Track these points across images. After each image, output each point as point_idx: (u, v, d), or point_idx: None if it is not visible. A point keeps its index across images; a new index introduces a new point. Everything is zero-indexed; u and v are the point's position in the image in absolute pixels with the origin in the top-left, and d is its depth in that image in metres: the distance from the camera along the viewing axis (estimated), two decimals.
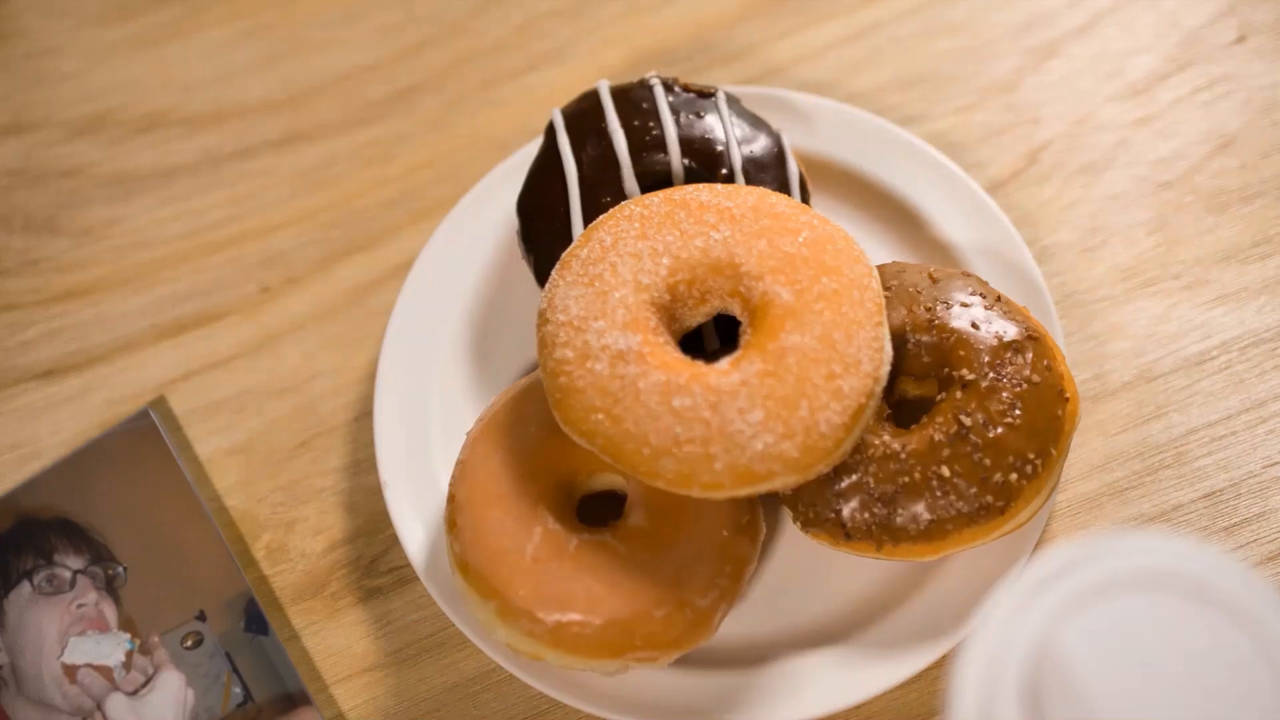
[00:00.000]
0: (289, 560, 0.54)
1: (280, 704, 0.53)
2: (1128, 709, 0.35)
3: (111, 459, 0.57)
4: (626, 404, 0.47)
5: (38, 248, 0.60)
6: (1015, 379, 0.49)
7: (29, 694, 0.54)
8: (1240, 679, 0.35)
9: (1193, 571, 0.36)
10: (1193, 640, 0.35)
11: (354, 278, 0.58)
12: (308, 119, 0.61)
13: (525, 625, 0.48)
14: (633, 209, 0.50)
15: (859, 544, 0.49)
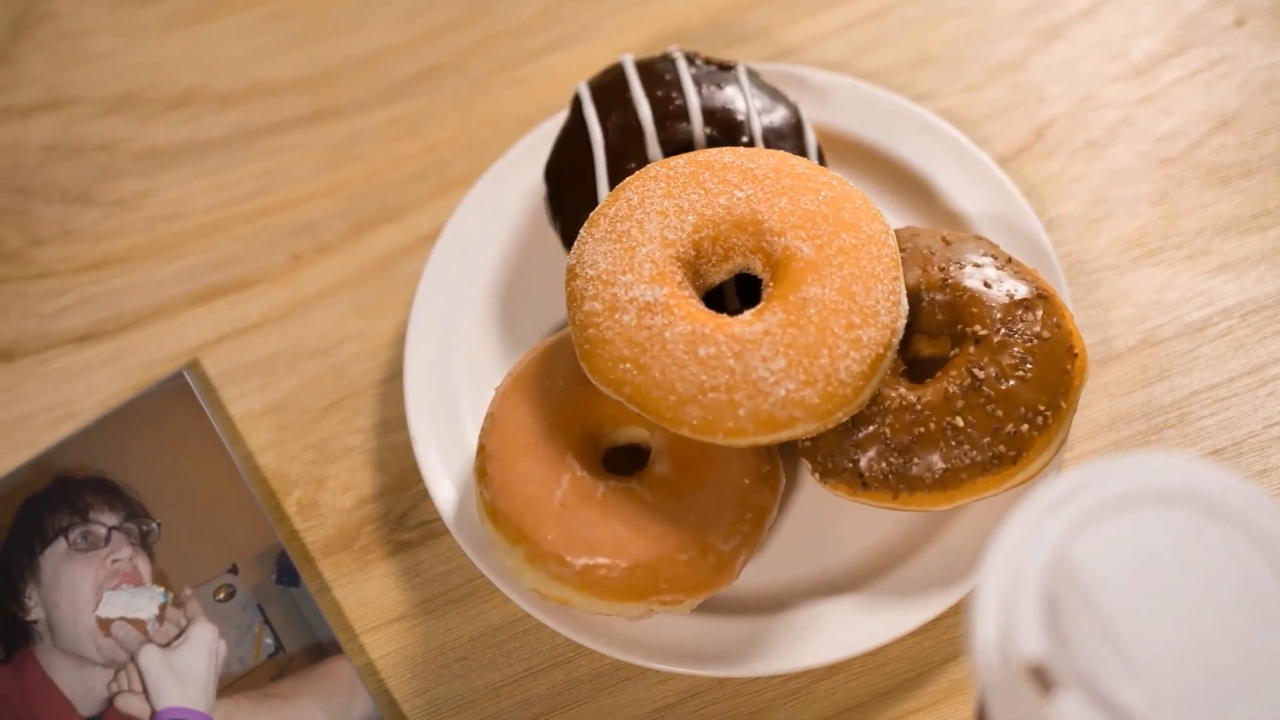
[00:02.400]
0: (320, 516, 0.56)
1: (311, 653, 0.54)
2: (1142, 618, 0.36)
3: (146, 419, 0.58)
4: (653, 353, 0.49)
5: (73, 218, 0.62)
6: (1026, 334, 0.51)
7: (64, 647, 0.56)
8: (1252, 588, 0.36)
9: (1203, 487, 0.37)
10: (1204, 552, 0.37)
11: (382, 246, 0.60)
12: (336, 97, 0.63)
13: (553, 569, 0.50)
14: (658, 170, 0.52)
15: (876, 493, 0.51)
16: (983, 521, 0.52)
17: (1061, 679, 0.36)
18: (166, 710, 0.54)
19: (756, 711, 0.52)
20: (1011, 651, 0.36)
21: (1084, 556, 0.37)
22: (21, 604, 0.56)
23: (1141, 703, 0.35)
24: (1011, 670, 0.36)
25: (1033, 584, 0.37)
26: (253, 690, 0.54)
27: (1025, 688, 0.36)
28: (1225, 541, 0.37)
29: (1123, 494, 0.37)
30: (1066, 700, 0.35)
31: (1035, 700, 0.36)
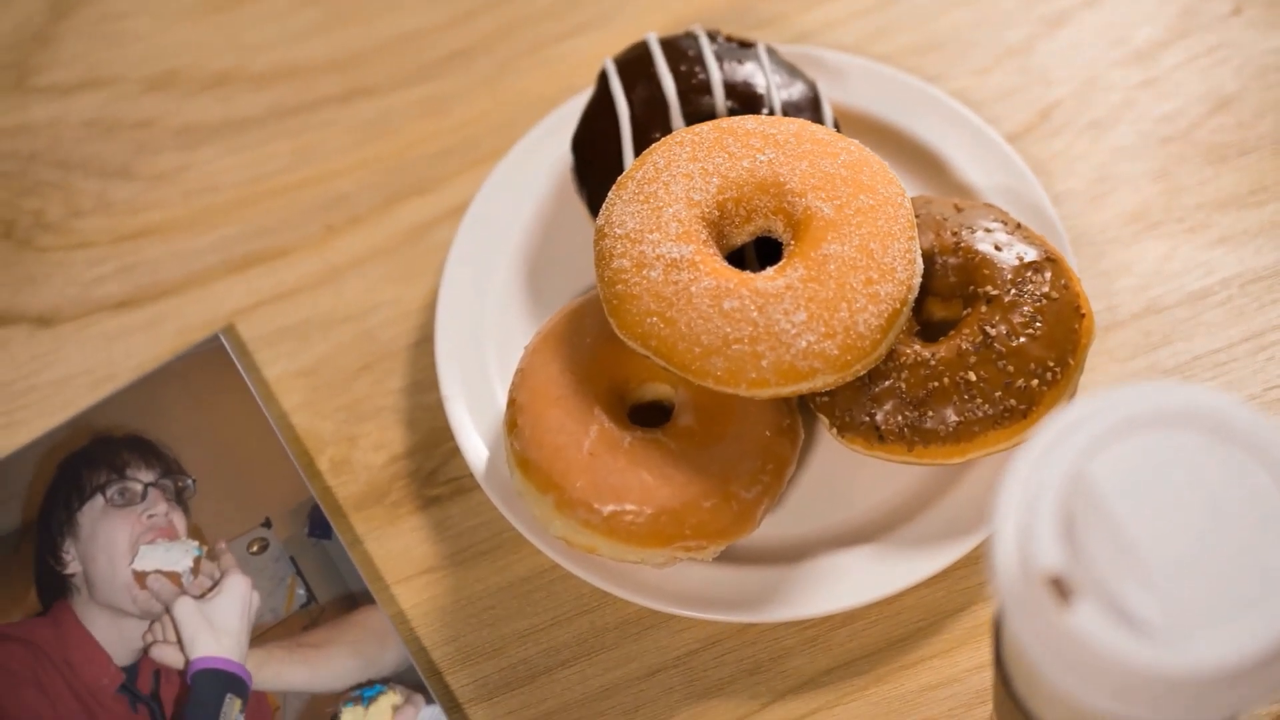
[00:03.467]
0: (352, 472, 0.58)
1: (343, 603, 0.56)
2: (1155, 532, 0.38)
3: (182, 380, 0.60)
4: (679, 307, 0.51)
5: (112, 191, 0.64)
6: (1035, 295, 0.53)
7: (100, 599, 0.57)
8: (1259, 505, 0.38)
9: (1211, 412, 0.39)
10: (1212, 470, 0.39)
11: (413, 218, 0.62)
12: (367, 77, 0.65)
13: (581, 515, 0.52)
14: (684, 136, 0.54)
15: (891, 446, 0.53)
16: (993, 476, 0.54)
17: (1079, 589, 0.38)
18: (200, 659, 0.56)
19: (776, 658, 0.53)
20: (1031, 564, 0.38)
21: (1099, 475, 0.39)
22: (59, 558, 0.58)
23: (1155, 611, 0.37)
24: (1031, 581, 0.38)
25: (1050, 501, 0.39)
26: (286, 639, 0.56)
27: (1044, 598, 0.38)
28: (1232, 460, 0.39)
29: (1134, 416, 0.39)
30: (1084, 608, 0.37)
31: (1054, 609, 0.38)
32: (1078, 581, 0.38)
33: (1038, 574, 0.38)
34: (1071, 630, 0.37)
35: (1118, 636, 0.37)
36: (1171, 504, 0.39)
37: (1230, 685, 0.37)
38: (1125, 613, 0.38)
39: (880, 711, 0.52)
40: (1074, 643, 0.38)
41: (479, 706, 0.54)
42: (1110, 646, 0.37)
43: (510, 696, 0.54)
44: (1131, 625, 0.37)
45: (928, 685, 0.53)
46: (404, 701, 0.54)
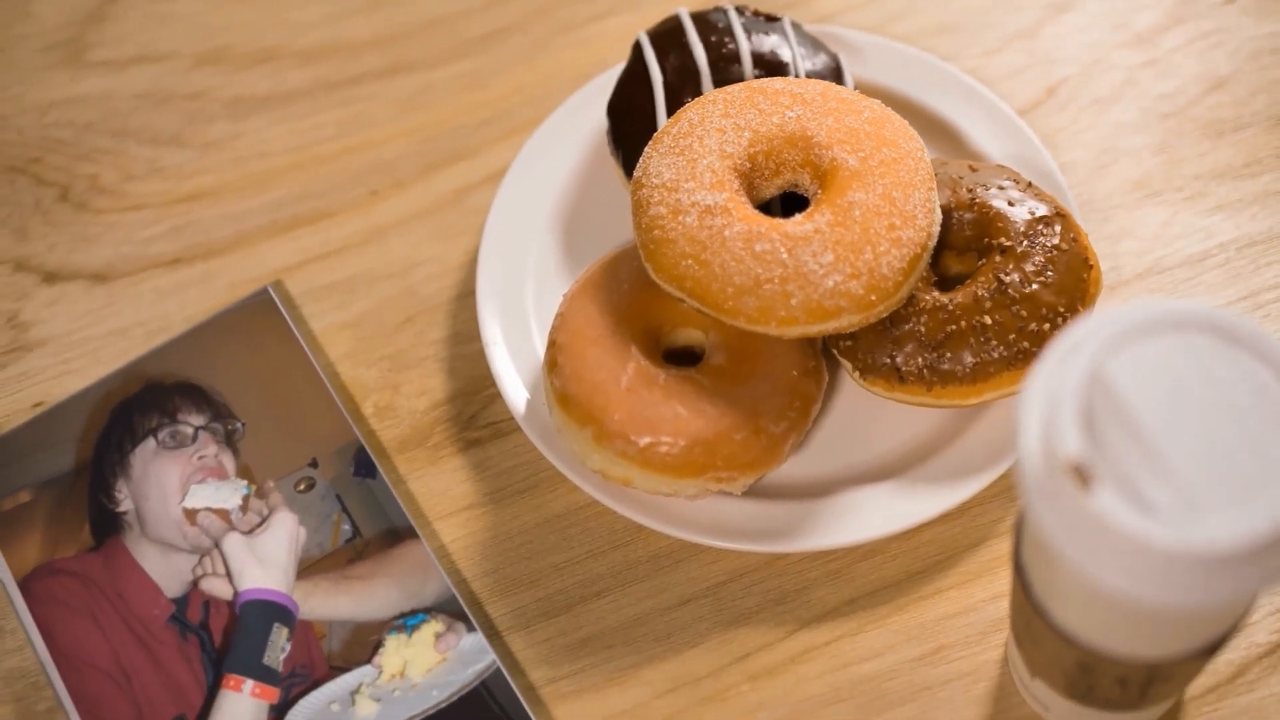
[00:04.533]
0: (395, 416, 0.60)
1: (387, 538, 0.59)
2: (1168, 426, 0.41)
3: (232, 330, 0.63)
4: (713, 250, 0.54)
5: (164, 158, 0.67)
6: (1046, 246, 0.56)
7: (151, 535, 0.60)
8: (1265, 402, 0.41)
9: (1219, 320, 0.43)
10: (1221, 371, 0.42)
11: (453, 182, 0.65)
12: (409, 54, 0.69)
13: (619, 447, 0.54)
14: (716, 95, 0.57)
15: (911, 387, 0.56)
16: (1006, 418, 0.57)
17: (1098, 475, 0.40)
18: (248, 591, 0.58)
19: (801, 589, 0.56)
20: (1054, 453, 0.41)
21: (1116, 374, 0.42)
22: (112, 497, 0.61)
23: (1169, 496, 0.40)
24: (1055, 469, 0.41)
25: (1071, 397, 0.42)
26: (331, 572, 0.58)
27: (1066, 484, 0.41)
28: (1239, 362, 0.42)
29: (1148, 322, 0.42)
30: (1103, 492, 0.40)
31: (1075, 494, 0.41)
32: (1097, 469, 0.41)
33: (1061, 462, 0.41)
34: (1092, 512, 0.40)
35: (1134, 518, 0.40)
36: (1183, 400, 0.42)
37: (1238, 565, 0.40)
38: (1141, 497, 0.41)
39: (900, 639, 0.55)
40: (1094, 525, 0.41)
41: (517, 634, 0.56)
42: (1127, 527, 0.40)
43: (547, 625, 0.56)
44: (1147, 508, 0.40)
45: (945, 615, 0.55)
46: (446, 630, 0.57)
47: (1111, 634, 0.45)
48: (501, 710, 0.55)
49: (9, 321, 0.64)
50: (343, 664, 0.57)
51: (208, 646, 0.57)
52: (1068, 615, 0.46)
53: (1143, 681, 0.48)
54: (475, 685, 0.56)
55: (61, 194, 0.67)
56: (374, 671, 0.56)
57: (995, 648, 0.55)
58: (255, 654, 0.57)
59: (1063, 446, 0.41)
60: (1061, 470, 0.41)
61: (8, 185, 0.67)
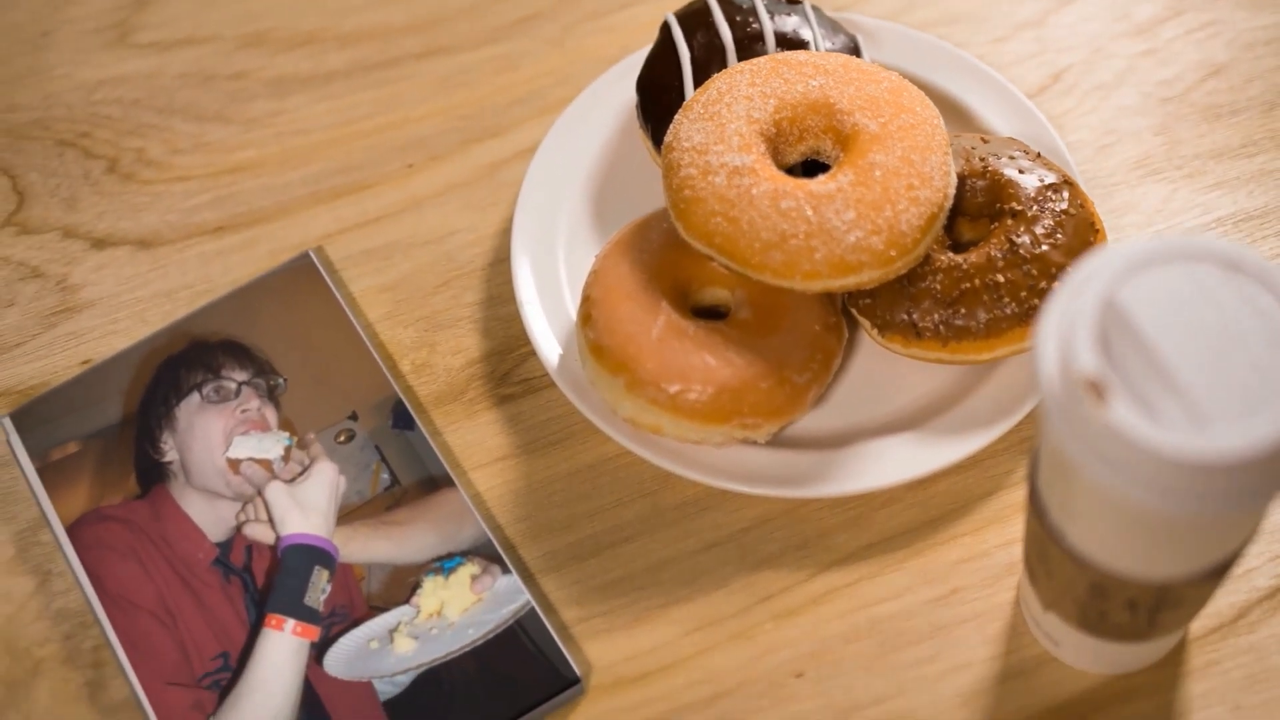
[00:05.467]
0: (432, 373, 0.63)
1: (424, 486, 0.61)
2: (1177, 346, 0.44)
3: (274, 292, 0.66)
4: (741, 207, 0.57)
5: (208, 133, 0.70)
6: (1055, 210, 0.59)
7: (196, 483, 0.62)
8: (1267, 324, 0.44)
9: (1224, 251, 0.45)
10: (1227, 296, 0.45)
11: (487, 157, 0.68)
12: (444, 38, 0.72)
13: (650, 394, 0.57)
14: (743, 66, 0.61)
15: (927, 343, 0.59)
16: (1017, 375, 0.60)
17: (1112, 389, 0.43)
18: (290, 536, 0.61)
19: (821, 535, 0.59)
20: (1071, 370, 0.44)
21: (1127, 300, 0.45)
22: (158, 448, 0.63)
23: (1178, 411, 0.43)
24: (1072, 386, 0.44)
25: (1086, 322, 0.44)
26: (370, 518, 0.61)
27: (1083, 399, 0.43)
28: (1244, 288, 0.45)
29: (1157, 254, 0.45)
30: (1118, 405, 0.43)
31: (1091, 407, 0.43)
32: (1111, 384, 0.44)
33: (1077, 378, 0.44)
34: (1107, 424, 0.43)
35: (1147, 428, 0.43)
36: (1191, 324, 0.44)
37: (1244, 472, 0.43)
38: (1153, 410, 0.43)
39: (917, 581, 0.58)
40: (1109, 436, 0.43)
41: (549, 576, 0.59)
42: (1141, 436, 0.43)
43: (578, 567, 0.59)
44: (1158, 420, 0.43)
45: (960, 559, 0.58)
46: (481, 572, 0.59)
47: (1123, 552, 0.47)
48: (536, 647, 0.57)
49: (58, 284, 0.67)
50: (381, 604, 0.59)
51: (250, 588, 0.60)
52: (1082, 536, 0.48)
53: (1151, 606, 0.50)
54: (510, 624, 0.58)
55: (109, 166, 0.69)
56: (412, 611, 0.59)
57: (1008, 590, 0.57)
58: (296, 595, 0.59)
59: (1079, 365, 0.44)
60: (1079, 386, 0.44)
61: (57, 158, 0.70)
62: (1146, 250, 0.46)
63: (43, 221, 0.68)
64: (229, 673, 0.58)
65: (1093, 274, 0.46)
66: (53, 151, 0.70)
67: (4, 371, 0.65)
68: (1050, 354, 0.45)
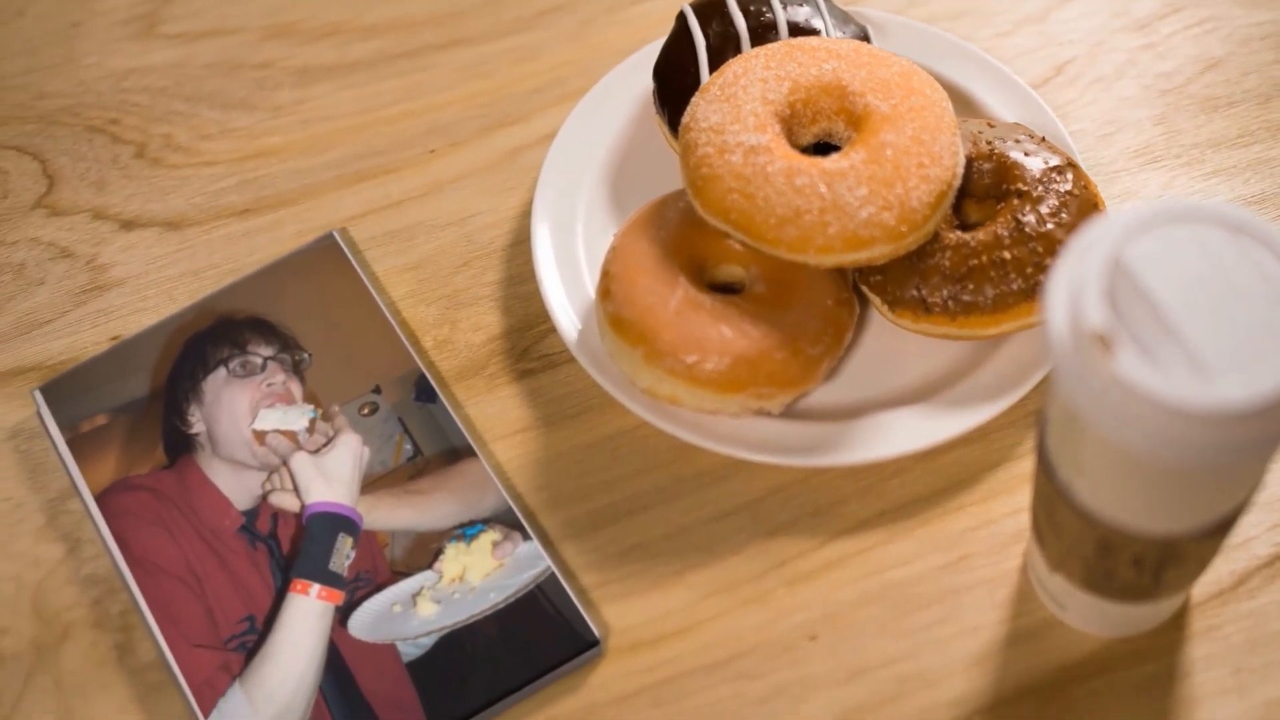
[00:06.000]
0: (453, 349, 0.65)
1: (446, 456, 0.63)
2: (1181, 301, 0.46)
3: (300, 271, 0.67)
4: (757, 184, 0.59)
5: (234, 120, 0.72)
6: (1060, 191, 0.61)
7: (222, 454, 0.64)
8: (1268, 284, 0.46)
9: (1226, 213, 0.47)
10: (1229, 256, 0.46)
11: (507, 143, 0.70)
12: (465, 30, 0.74)
13: (668, 365, 0.59)
14: (758, 51, 0.63)
15: (936, 318, 0.61)
16: (1023, 350, 0.62)
17: (1120, 342, 0.45)
18: (315, 504, 0.62)
19: (834, 503, 0.60)
20: (1081, 325, 0.46)
21: (1134, 259, 0.46)
22: (185, 420, 0.64)
23: (1183, 364, 0.45)
24: (1081, 339, 0.46)
25: (1094, 280, 0.46)
26: (394, 487, 0.62)
27: (1092, 352, 0.45)
28: (1245, 250, 0.47)
29: (1163, 215, 0.47)
30: (1125, 357, 0.45)
31: (1099, 360, 0.45)
32: (1119, 337, 0.45)
33: (1086, 331, 0.45)
34: (1116, 375, 0.45)
35: (1153, 378, 0.45)
36: (1195, 283, 0.46)
37: (1247, 422, 0.44)
38: (1159, 363, 0.45)
39: (926, 549, 0.59)
40: (1117, 387, 0.45)
41: (569, 543, 0.60)
42: (1148, 387, 0.44)
43: (597, 535, 0.60)
44: (1164, 373, 0.45)
45: (968, 527, 0.60)
46: (503, 538, 0.60)
47: (1130, 506, 0.49)
48: (555, 610, 0.59)
49: (88, 264, 0.68)
50: (405, 569, 0.60)
51: (276, 554, 0.61)
52: (1090, 491, 0.50)
53: (1156, 562, 0.52)
54: (531, 588, 0.59)
55: (138, 151, 0.71)
56: (435, 576, 0.60)
57: (1015, 557, 0.59)
58: (321, 560, 0.61)
59: (1088, 320, 0.46)
60: (1088, 340, 0.45)
61: (86, 143, 0.72)
62: (1153, 212, 0.48)
63: (72, 204, 0.70)
64: (255, 635, 0.59)
65: (1101, 235, 0.48)
66: (82, 137, 0.72)
67: (35, 347, 0.67)
68: (1060, 310, 0.47)
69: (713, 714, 0.57)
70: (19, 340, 0.67)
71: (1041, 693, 0.56)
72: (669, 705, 0.57)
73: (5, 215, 0.70)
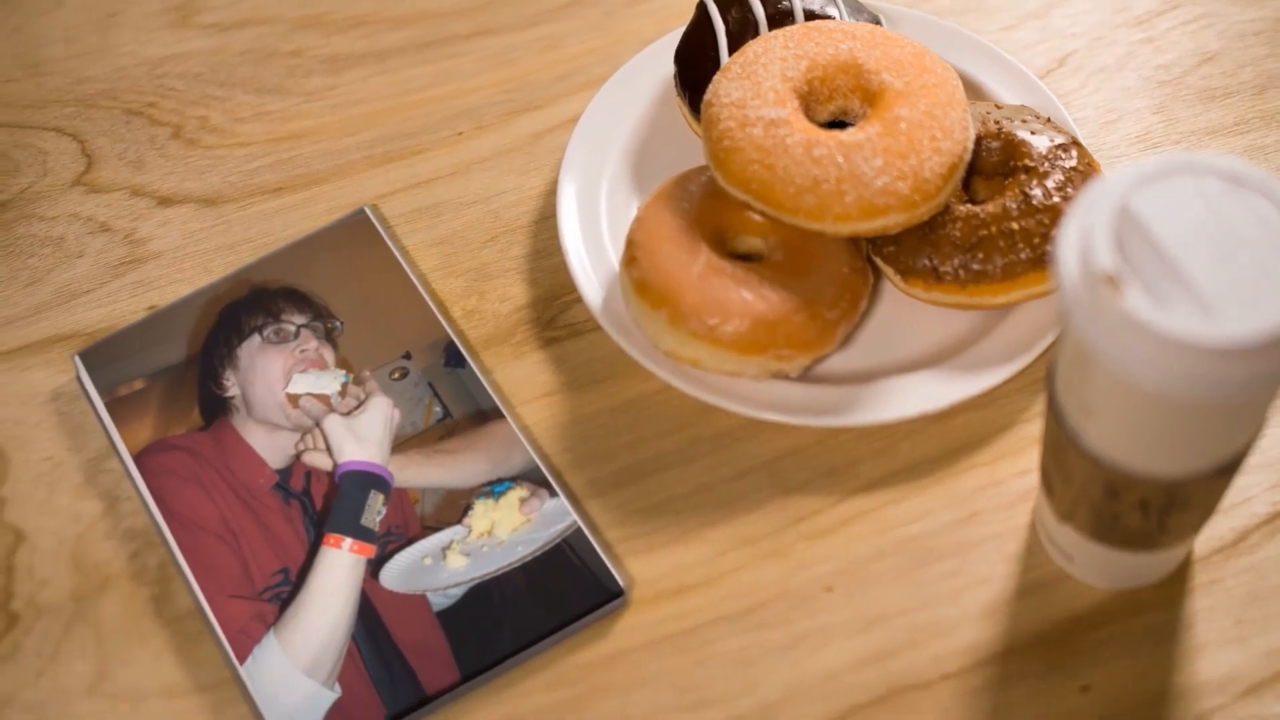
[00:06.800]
0: (481, 318, 0.67)
1: (475, 418, 0.65)
2: (1185, 246, 0.48)
3: (332, 244, 0.70)
4: (777, 155, 0.62)
5: (267, 104, 0.74)
6: (1065, 167, 0.64)
7: (256, 416, 0.66)
8: (1268, 230, 0.48)
9: (1226, 166, 0.50)
10: (1229, 204, 0.49)
11: (532, 127, 0.73)
12: (491, 21, 0.77)
13: (691, 327, 0.61)
14: (777, 33, 0.66)
15: (947, 286, 0.63)
16: (1030, 319, 0.64)
17: (1128, 282, 0.47)
18: (347, 463, 0.64)
19: (849, 464, 0.62)
20: (1091, 266, 0.48)
21: (1140, 207, 0.49)
22: (220, 384, 0.67)
23: (1188, 302, 0.47)
24: (1091, 281, 0.48)
25: (1103, 226, 0.49)
26: (424, 447, 0.64)
27: (1101, 291, 0.48)
28: (1245, 197, 0.49)
29: (1168, 168, 0.50)
30: (1133, 295, 0.47)
31: (1110, 297, 0.47)
32: (1127, 277, 0.48)
33: (1096, 273, 0.48)
34: (1124, 313, 0.47)
35: (1159, 314, 0.47)
36: (1198, 229, 0.49)
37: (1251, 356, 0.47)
38: (1165, 301, 0.48)
39: (938, 505, 0.61)
40: (1126, 324, 0.47)
41: (593, 500, 0.62)
42: (1153, 321, 0.47)
43: (621, 492, 0.62)
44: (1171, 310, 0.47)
45: (978, 486, 0.62)
46: (530, 495, 0.63)
47: (1137, 447, 0.51)
48: (581, 562, 0.61)
49: (126, 238, 0.71)
50: (435, 524, 0.62)
51: (309, 510, 0.63)
52: (1098, 434, 0.52)
53: (1162, 506, 0.54)
54: (558, 542, 0.61)
55: (174, 132, 0.74)
56: (464, 530, 0.62)
57: (1023, 514, 0.61)
58: (353, 516, 0.63)
59: (1097, 261, 0.48)
60: (1097, 280, 0.48)
61: (124, 125, 0.74)
62: (1157, 165, 0.50)
63: (111, 181, 0.72)
64: (289, 586, 0.61)
65: (1109, 187, 0.50)
66: (120, 119, 0.74)
67: (74, 316, 0.69)
68: (1071, 254, 0.49)
69: (734, 661, 0.59)
70: (59, 309, 0.69)
71: (1049, 641, 0.58)
72: (692, 653, 0.59)
73: (45, 192, 0.72)
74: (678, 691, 0.58)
